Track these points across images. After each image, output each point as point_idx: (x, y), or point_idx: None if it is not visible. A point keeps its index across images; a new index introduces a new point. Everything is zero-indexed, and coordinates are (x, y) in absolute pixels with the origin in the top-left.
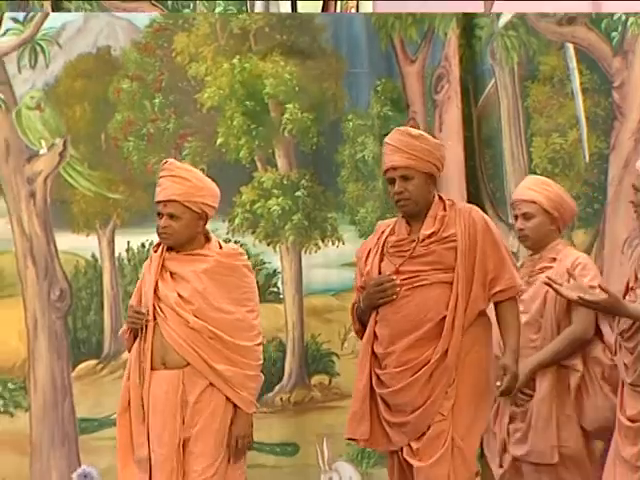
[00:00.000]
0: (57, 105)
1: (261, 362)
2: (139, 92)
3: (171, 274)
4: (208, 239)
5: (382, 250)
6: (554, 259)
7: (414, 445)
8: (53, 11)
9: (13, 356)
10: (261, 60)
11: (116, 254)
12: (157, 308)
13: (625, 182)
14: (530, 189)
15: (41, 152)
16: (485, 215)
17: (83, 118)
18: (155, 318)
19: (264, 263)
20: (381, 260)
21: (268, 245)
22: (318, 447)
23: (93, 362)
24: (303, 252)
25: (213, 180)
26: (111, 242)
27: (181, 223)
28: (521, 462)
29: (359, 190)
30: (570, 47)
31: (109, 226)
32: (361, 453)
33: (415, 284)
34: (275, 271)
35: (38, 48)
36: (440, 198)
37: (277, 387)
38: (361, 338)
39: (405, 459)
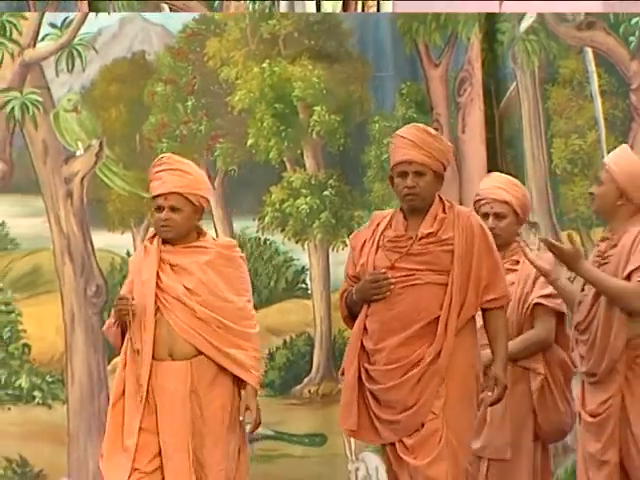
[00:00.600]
0: (93, 108)
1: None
2: (172, 95)
3: (171, 266)
4: (200, 232)
5: (378, 243)
6: (517, 262)
7: (408, 442)
8: (90, 10)
9: (51, 350)
10: (290, 64)
11: None
12: (161, 300)
13: None
14: (503, 189)
15: (78, 153)
16: (481, 221)
17: (118, 120)
18: (158, 310)
19: (293, 260)
20: (376, 253)
21: (297, 243)
22: (345, 438)
23: None
24: (330, 249)
25: (244, 180)
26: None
27: (182, 215)
28: (476, 456)
29: (385, 189)
30: (589, 51)
31: (143, 224)
32: None
33: (409, 282)
34: (303, 268)
35: (75, 53)
36: (440, 199)
37: (305, 380)
38: (349, 327)
39: (399, 455)
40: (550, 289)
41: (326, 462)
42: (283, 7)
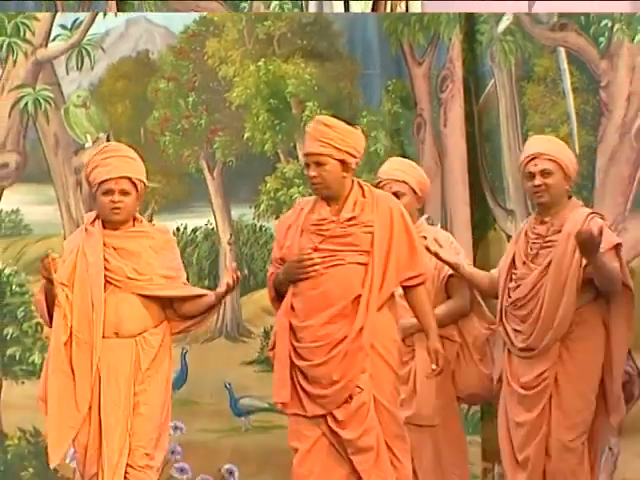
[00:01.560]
0: (101, 103)
1: None
2: (174, 91)
3: (115, 249)
4: (136, 218)
5: (302, 227)
6: (424, 237)
7: (338, 416)
8: (118, 10)
9: None
10: (284, 62)
11: None
12: (109, 281)
13: (611, 172)
14: (400, 170)
15: (87, 145)
16: (400, 203)
17: (124, 115)
18: (104, 290)
19: None
20: (300, 236)
21: None
22: None
23: None
24: None
25: (241, 171)
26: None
27: (130, 199)
28: (404, 423)
29: (371, 179)
30: (562, 51)
31: (147, 211)
32: None
33: (332, 263)
34: None
35: (84, 52)
36: (359, 184)
37: None
38: (275, 308)
39: (331, 428)
40: (464, 256)
41: None
42: (312, 7)
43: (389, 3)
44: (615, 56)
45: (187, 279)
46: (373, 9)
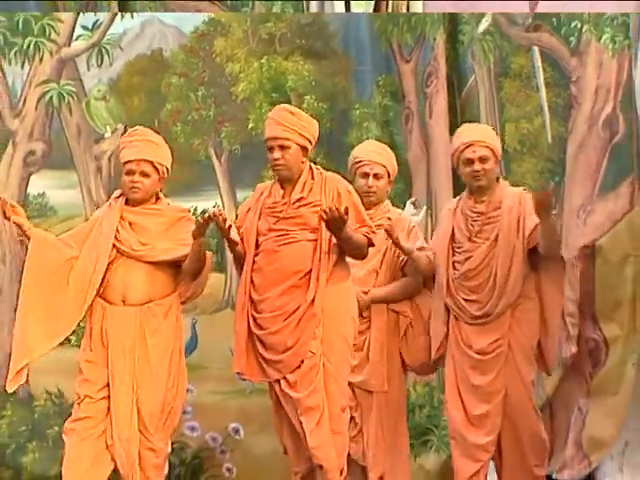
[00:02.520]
0: (119, 96)
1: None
2: (185, 86)
3: (130, 224)
4: (158, 197)
5: (260, 210)
6: (389, 218)
7: (291, 378)
8: (120, 11)
9: None
10: (284, 60)
11: None
12: (118, 251)
13: (580, 159)
14: (380, 154)
15: (106, 135)
16: (347, 183)
17: (140, 107)
18: (114, 260)
19: None
20: (259, 219)
21: None
22: None
23: None
24: None
25: (246, 157)
26: None
27: (150, 181)
28: (355, 387)
29: None
30: (536, 49)
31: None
32: None
33: (285, 241)
34: None
35: (104, 50)
36: (310, 167)
37: None
38: None
39: (284, 391)
40: (421, 241)
41: None
42: (314, 7)
43: (391, 3)
44: (584, 54)
45: None
46: (375, 9)
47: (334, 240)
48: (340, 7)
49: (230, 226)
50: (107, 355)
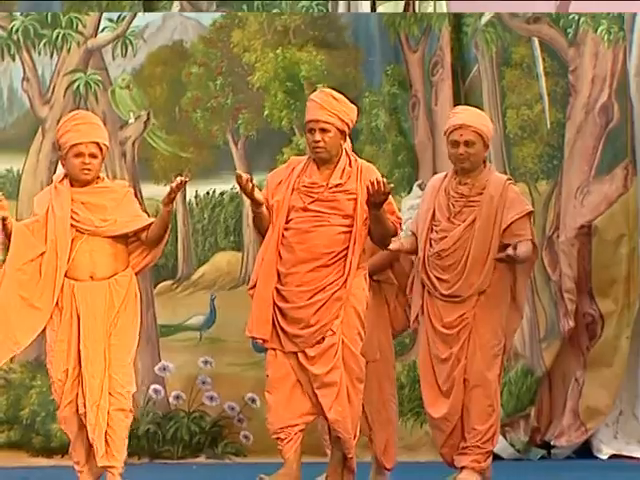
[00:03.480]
0: (142, 85)
1: None
2: (205, 75)
3: (82, 203)
4: (99, 177)
5: (294, 185)
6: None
7: (310, 353)
8: (145, 10)
9: None
10: (298, 51)
11: (187, 200)
12: (81, 231)
13: (577, 144)
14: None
15: (130, 122)
16: (378, 173)
17: (162, 95)
18: (76, 239)
19: None
20: (291, 194)
21: None
22: None
23: (169, 282)
24: None
25: (261, 143)
26: (183, 190)
27: (97, 161)
28: None
29: (373, 150)
30: (536, 40)
31: (181, 177)
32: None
33: (319, 223)
34: None
35: (128, 42)
36: (347, 154)
37: None
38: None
39: (302, 364)
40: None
41: None
42: (341, 7)
43: (417, 4)
44: (581, 45)
45: (215, 237)
46: (405, 9)
47: (365, 229)
48: (366, 8)
49: (254, 186)
50: (77, 329)
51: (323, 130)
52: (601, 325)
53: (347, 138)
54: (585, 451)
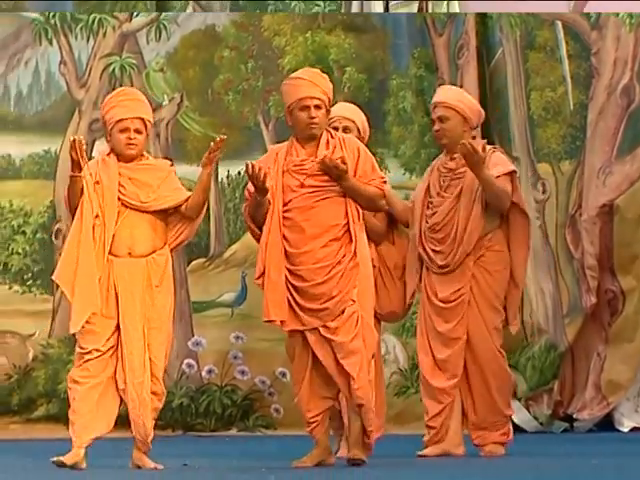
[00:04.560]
0: (175, 68)
1: None
2: (236, 58)
3: (130, 179)
4: (143, 154)
5: (283, 168)
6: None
7: (332, 325)
8: (157, 10)
9: None
10: (327, 34)
11: (219, 179)
12: (125, 205)
13: (599, 125)
14: (349, 111)
15: (164, 104)
16: (359, 142)
17: (195, 78)
18: (120, 214)
19: None
20: (283, 176)
21: None
22: None
23: (202, 260)
24: None
25: None
26: (215, 170)
27: (143, 137)
28: None
29: (400, 132)
30: (559, 24)
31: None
32: (402, 328)
33: (320, 197)
34: None
35: (162, 26)
36: (326, 129)
37: None
38: (255, 238)
39: (324, 336)
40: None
41: None
42: (355, 7)
43: (430, 4)
44: (604, 28)
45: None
46: (419, 9)
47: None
48: (379, 7)
49: (266, 174)
50: (116, 306)
51: (317, 107)
52: (622, 301)
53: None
54: (607, 424)
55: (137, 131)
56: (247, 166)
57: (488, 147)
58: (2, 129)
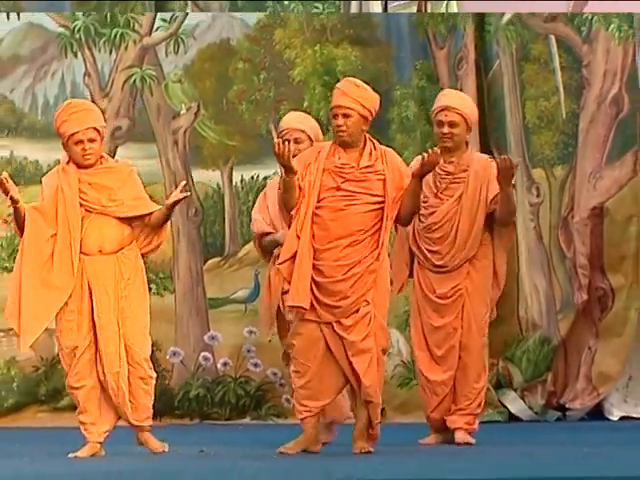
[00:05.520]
0: (192, 79)
1: None
2: (249, 70)
3: (89, 184)
4: (102, 157)
5: (324, 166)
6: None
7: (346, 323)
8: (156, 10)
9: (162, 255)
10: (335, 47)
11: (233, 184)
12: (89, 209)
13: (590, 133)
14: (300, 122)
15: (182, 112)
16: (398, 157)
17: (210, 88)
18: (85, 218)
19: None
20: (322, 175)
21: None
22: None
23: (217, 259)
24: None
25: None
26: (230, 175)
27: (97, 144)
28: None
29: (403, 139)
30: (552, 37)
31: (228, 164)
32: (405, 322)
33: (352, 202)
34: None
35: (180, 40)
36: (370, 139)
37: None
38: (285, 222)
39: (337, 333)
40: None
41: None
42: (354, 7)
43: (429, 4)
44: (594, 41)
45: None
46: (418, 9)
47: (395, 207)
48: (378, 8)
49: (290, 152)
50: (89, 301)
51: (345, 115)
52: (612, 298)
53: (368, 123)
54: (597, 413)
55: (90, 140)
56: (274, 145)
57: (486, 157)
58: (31, 137)
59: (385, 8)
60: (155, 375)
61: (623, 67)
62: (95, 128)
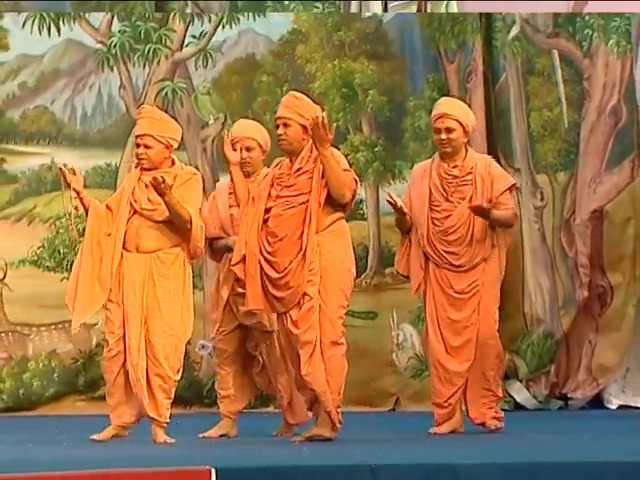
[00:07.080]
0: (220, 92)
1: None
2: (273, 83)
3: (145, 185)
4: (173, 162)
5: (272, 179)
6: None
7: (293, 316)
8: (157, 10)
9: None
10: (353, 62)
11: None
12: (134, 207)
13: (590, 141)
14: (252, 130)
15: (210, 122)
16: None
17: (237, 100)
18: (130, 217)
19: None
20: (271, 187)
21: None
22: (390, 314)
23: None
24: (380, 187)
25: None
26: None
27: (153, 151)
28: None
29: (416, 147)
30: (555, 52)
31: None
32: (417, 317)
33: (288, 206)
34: (361, 200)
35: (208, 55)
36: (311, 146)
37: (362, 275)
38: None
39: (287, 327)
40: None
41: (377, 331)
42: (354, 7)
43: (429, 4)
44: (594, 56)
45: None
46: (418, 9)
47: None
48: (377, 7)
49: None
50: (122, 295)
51: (285, 125)
52: (611, 295)
53: (307, 131)
54: (597, 402)
55: (146, 146)
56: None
57: (487, 157)
58: (69, 145)
59: (385, 8)
60: (179, 378)
61: (621, 80)
62: (152, 136)
